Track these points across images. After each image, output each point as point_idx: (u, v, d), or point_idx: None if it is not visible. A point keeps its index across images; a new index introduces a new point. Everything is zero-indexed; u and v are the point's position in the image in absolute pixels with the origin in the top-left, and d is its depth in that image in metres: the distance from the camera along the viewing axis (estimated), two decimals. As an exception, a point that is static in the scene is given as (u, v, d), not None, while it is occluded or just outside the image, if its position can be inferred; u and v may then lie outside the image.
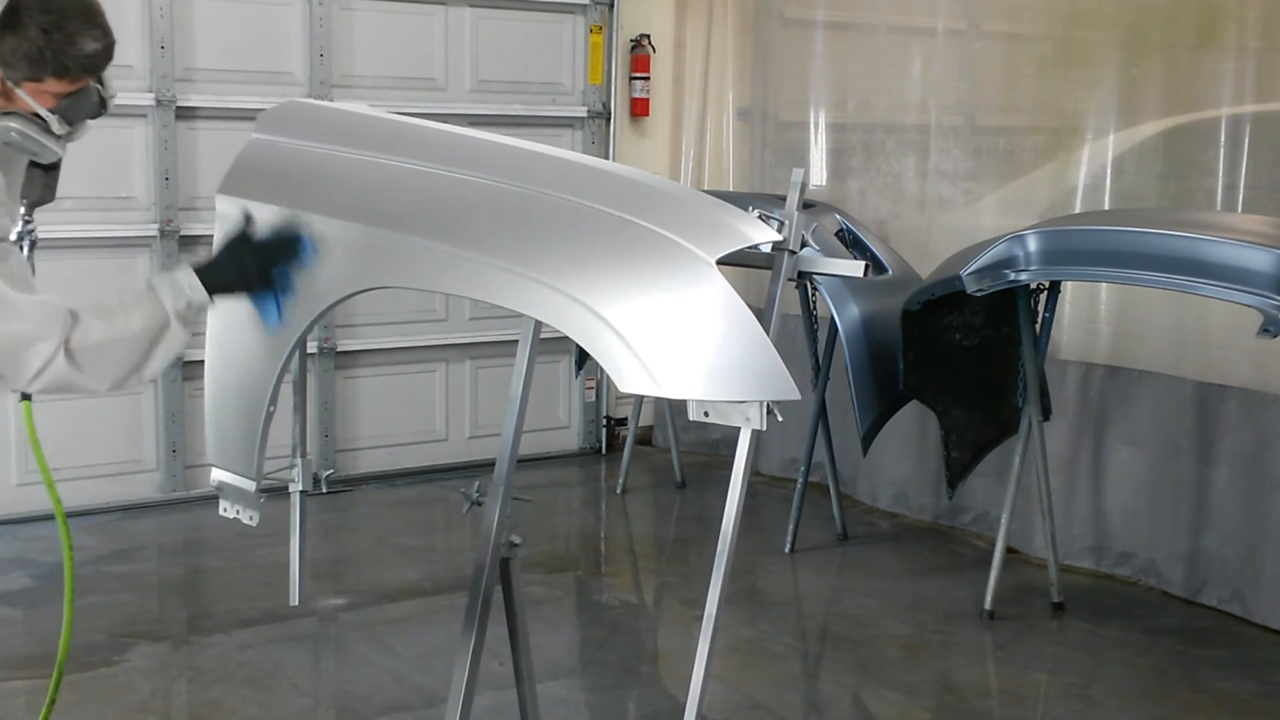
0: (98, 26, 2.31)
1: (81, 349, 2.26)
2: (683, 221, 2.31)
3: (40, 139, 2.37)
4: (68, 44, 2.27)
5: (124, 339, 2.31)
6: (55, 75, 2.29)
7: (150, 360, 2.36)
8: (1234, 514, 4.56)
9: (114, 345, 2.30)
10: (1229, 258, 3.69)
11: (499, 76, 6.34)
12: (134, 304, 2.34)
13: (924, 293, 4.39)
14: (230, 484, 3.02)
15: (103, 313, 2.31)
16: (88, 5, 2.32)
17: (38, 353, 2.23)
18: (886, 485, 5.80)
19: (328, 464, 5.82)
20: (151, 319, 2.34)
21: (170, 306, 2.35)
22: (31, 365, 2.23)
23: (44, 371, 2.24)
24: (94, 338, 2.28)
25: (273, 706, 3.81)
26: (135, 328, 2.32)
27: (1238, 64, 4.69)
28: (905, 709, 3.94)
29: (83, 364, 2.27)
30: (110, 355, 2.30)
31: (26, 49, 2.25)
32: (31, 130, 2.36)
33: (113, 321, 2.31)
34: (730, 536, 2.40)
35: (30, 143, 2.37)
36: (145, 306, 2.34)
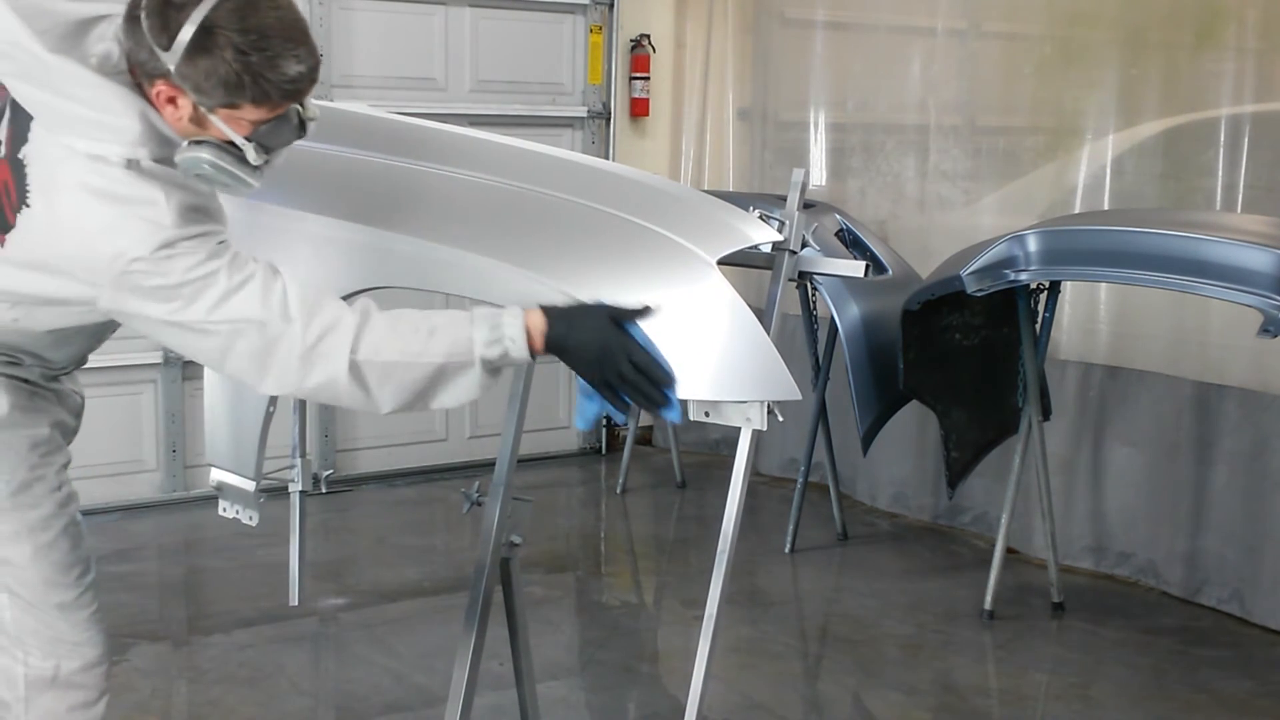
0: (302, 45, 2.00)
1: (367, 364, 2.05)
2: (683, 221, 2.32)
3: (235, 170, 2.03)
4: (268, 67, 1.96)
5: (417, 364, 2.07)
6: (254, 102, 1.98)
7: (437, 396, 2.11)
8: (1233, 514, 4.56)
9: (403, 369, 2.07)
10: (1229, 258, 3.69)
11: (499, 76, 6.34)
12: (443, 329, 2.09)
13: (924, 293, 4.39)
14: (230, 484, 3.03)
15: (400, 329, 2.08)
16: (291, 21, 2.00)
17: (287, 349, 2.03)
18: (886, 485, 5.80)
19: (328, 464, 5.82)
20: (454, 356, 2.08)
21: (480, 351, 2.08)
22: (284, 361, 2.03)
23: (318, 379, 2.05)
24: (384, 356, 2.05)
25: (273, 706, 3.81)
26: (432, 359, 2.07)
27: (1237, 64, 4.69)
28: (905, 709, 3.94)
29: (366, 382, 2.06)
30: (397, 377, 2.07)
31: (223, 73, 1.94)
32: (225, 161, 2.02)
33: (408, 343, 2.07)
34: (730, 536, 2.40)
35: (223, 175, 2.03)
36: (451, 339, 2.08)
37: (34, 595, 2.32)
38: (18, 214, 2.07)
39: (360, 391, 2.06)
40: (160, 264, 1.99)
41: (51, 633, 2.34)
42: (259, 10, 1.96)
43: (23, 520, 2.31)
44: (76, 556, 2.39)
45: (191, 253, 2.01)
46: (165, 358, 5.62)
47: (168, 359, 5.62)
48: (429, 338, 2.08)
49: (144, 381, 5.63)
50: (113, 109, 2.01)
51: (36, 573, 2.32)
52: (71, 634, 2.36)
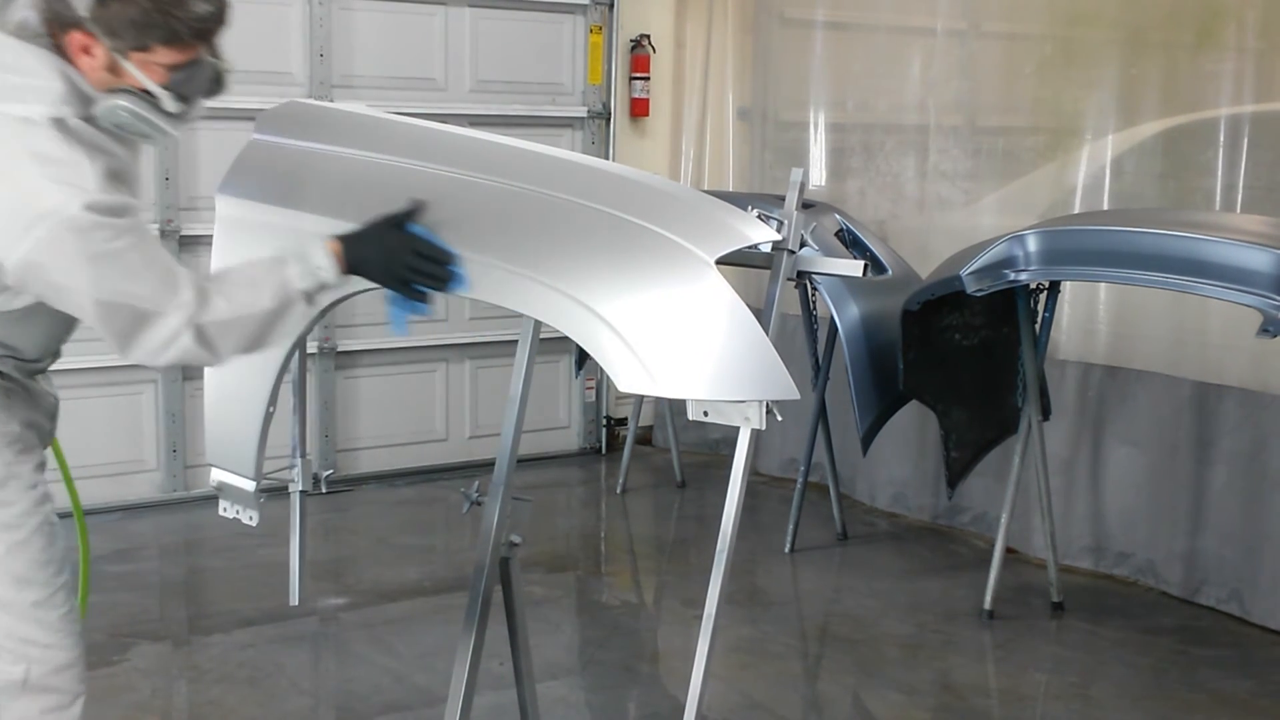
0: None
1: (209, 325, 2.19)
2: (682, 221, 2.32)
3: (152, 118, 2.17)
4: (176, 5, 2.10)
5: (251, 316, 2.23)
6: (164, 42, 2.12)
7: (271, 335, 2.29)
8: (1232, 514, 4.56)
9: (240, 322, 2.22)
10: (1229, 258, 3.69)
11: (499, 76, 6.34)
12: (263, 278, 2.25)
13: (924, 293, 4.39)
14: (230, 484, 3.03)
15: (229, 286, 2.23)
16: None
17: (167, 327, 2.15)
18: (885, 485, 5.81)
19: (328, 464, 5.82)
20: (277, 298, 2.25)
21: (299, 286, 2.26)
22: (155, 339, 2.16)
23: (171, 346, 2.17)
24: (221, 315, 2.20)
25: (273, 706, 3.81)
26: (261, 307, 2.24)
27: (1237, 64, 4.69)
28: (905, 709, 3.94)
29: (209, 340, 2.19)
30: (235, 331, 2.22)
31: (133, 13, 2.08)
32: (142, 108, 2.15)
33: (239, 298, 2.22)
34: (730, 536, 2.40)
35: (142, 122, 2.16)
36: (273, 284, 2.24)
37: (5, 594, 2.33)
38: None
39: (205, 351, 2.21)
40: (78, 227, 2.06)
41: (22, 634, 2.34)
42: None
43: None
44: (50, 555, 2.38)
45: (106, 225, 2.09)
46: (165, 358, 5.62)
47: (168, 359, 5.62)
48: (255, 289, 2.24)
49: (144, 381, 5.64)
50: (35, 71, 2.11)
51: (8, 570, 2.32)
52: (43, 636, 2.36)
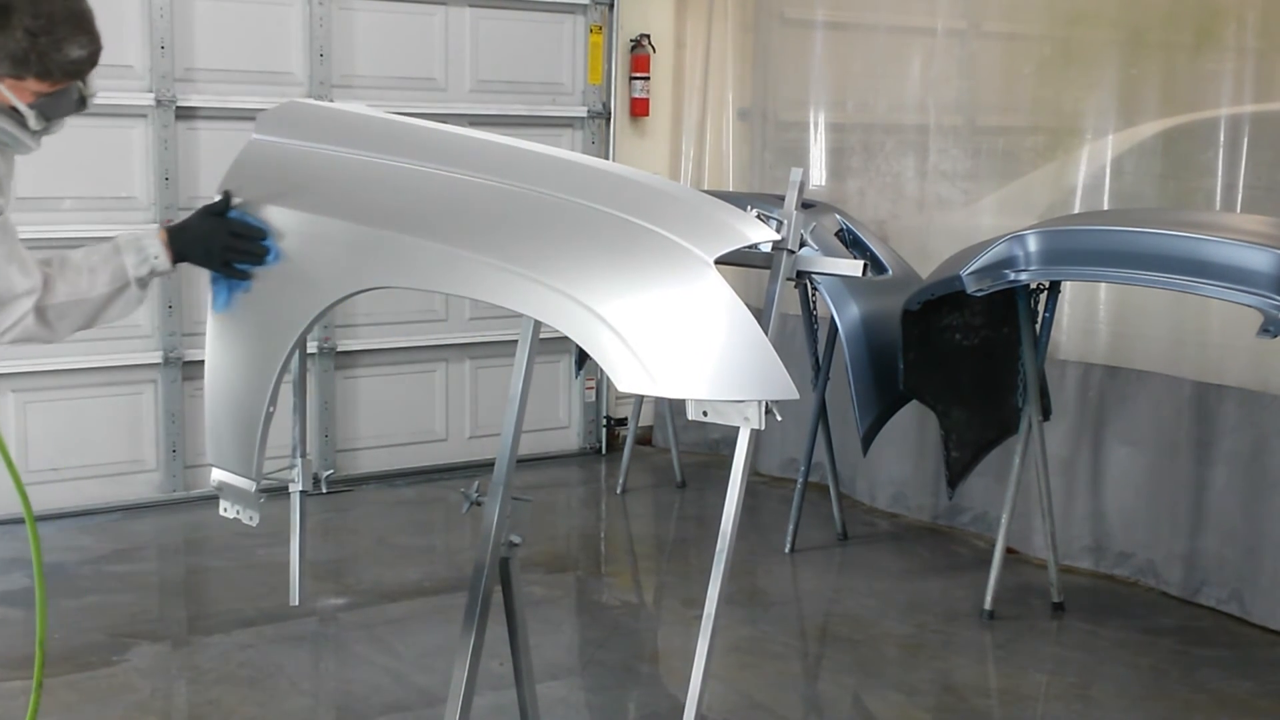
0: (86, 34, 2.32)
1: (50, 307, 2.46)
2: (681, 221, 2.31)
3: (15, 132, 2.38)
4: (53, 49, 2.27)
5: (87, 299, 2.49)
6: (37, 77, 2.30)
7: (105, 315, 2.54)
8: (1232, 514, 4.56)
9: (77, 304, 2.49)
10: (1229, 258, 3.69)
11: (499, 76, 6.34)
12: (100, 265, 2.51)
13: (924, 293, 4.39)
14: (230, 484, 3.02)
15: (70, 273, 2.49)
16: (78, 11, 2.32)
17: (13, 310, 2.41)
18: (885, 485, 5.81)
19: (328, 464, 5.82)
20: (114, 282, 2.51)
21: (133, 273, 2.52)
22: (6, 320, 2.42)
23: (15, 326, 2.43)
24: (61, 298, 2.47)
25: (273, 706, 3.81)
26: (99, 291, 2.50)
27: (1237, 64, 4.69)
28: (905, 709, 3.94)
29: (49, 321, 2.46)
30: (72, 313, 2.49)
31: (12, 49, 2.26)
32: (7, 124, 2.36)
33: (79, 282, 2.49)
34: (730, 536, 2.40)
35: (3, 135, 2.38)
36: (110, 269, 2.51)
37: None
38: None
39: (44, 330, 2.48)
40: None
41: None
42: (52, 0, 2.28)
43: None
44: None
45: None
46: (165, 358, 5.62)
47: (167, 359, 5.63)
48: (93, 275, 2.50)
49: (144, 381, 5.64)
50: None
51: None
52: None
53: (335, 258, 2.58)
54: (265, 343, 2.81)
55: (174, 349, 5.64)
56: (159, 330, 5.63)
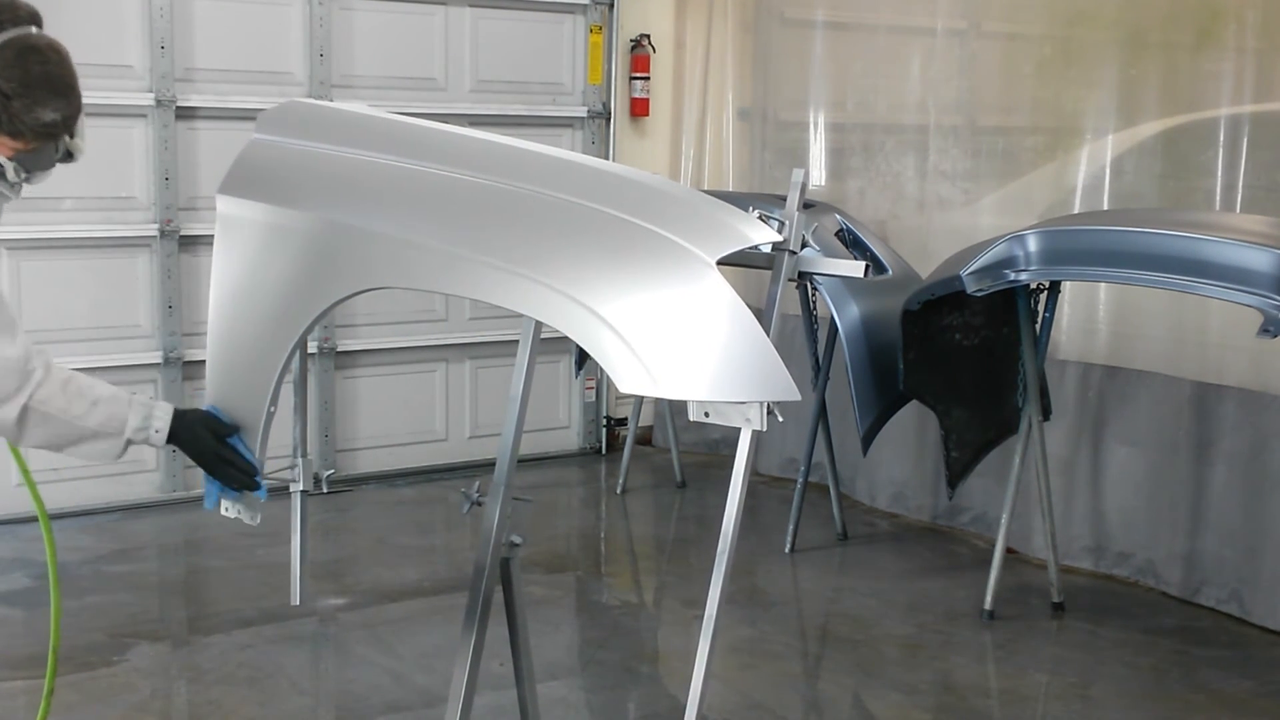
0: (62, 97, 2.28)
1: (34, 410, 2.32)
2: (683, 222, 2.31)
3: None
4: (25, 111, 2.24)
5: (71, 425, 2.37)
6: (9, 135, 2.27)
7: (76, 451, 2.42)
8: (1232, 514, 4.56)
9: (59, 424, 2.36)
10: (1229, 258, 3.69)
11: (499, 76, 6.34)
12: (104, 403, 2.40)
13: (924, 293, 4.39)
14: (230, 484, 3.01)
15: (69, 389, 2.36)
16: (56, 75, 2.28)
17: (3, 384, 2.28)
18: (885, 485, 5.81)
19: (328, 464, 5.82)
20: (106, 427, 2.40)
21: (128, 434, 2.42)
22: None
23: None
24: (51, 409, 2.34)
25: (273, 706, 3.81)
26: (88, 424, 2.38)
27: (1237, 64, 4.69)
28: (905, 709, 3.94)
29: (27, 423, 2.33)
30: (50, 428, 2.36)
31: None
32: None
33: (71, 404, 2.36)
34: (730, 536, 2.40)
35: None
36: (107, 413, 2.40)
37: None
38: None
39: (16, 430, 2.33)
40: None
41: None
42: (29, 62, 2.22)
43: None
44: None
45: None
46: (165, 358, 5.62)
47: (167, 359, 5.63)
48: (91, 407, 2.38)
49: (144, 382, 5.63)
50: None
51: None
52: None
53: (335, 258, 2.58)
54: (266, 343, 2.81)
55: (174, 349, 5.64)
56: (159, 330, 5.63)
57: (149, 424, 2.45)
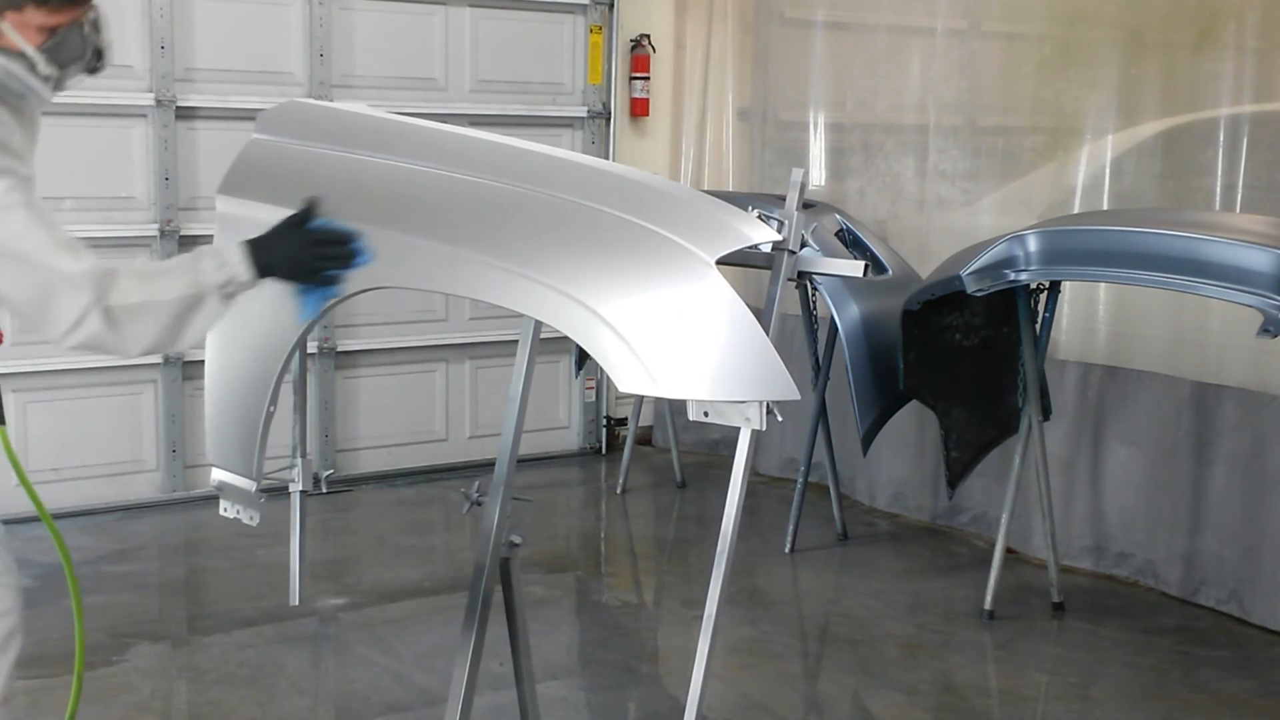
0: None
1: (119, 308, 2.23)
2: (682, 221, 2.32)
3: (26, 77, 2.27)
4: None
5: (160, 303, 2.26)
6: (36, 3, 2.21)
7: (185, 330, 2.31)
8: (1232, 514, 4.56)
9: (150, 309, 2.25)
10: (1229, 258, 3.69)
11: (499, 76, 6.34)
12: (175, 270, 2.30)
13: (924, 293, 4.39)
14: (230, 484, 3.03)
15: (142, 275, 2.28)
16: None
17: (72, 303, 2.20)
18: (885, 485, 5.81)
19: (328, 464, 5.82)
20: (190, 288, 2.28)
21: (210, 279, 2.30)
22: (64, 316, 2.21)
23: (79, 326, 2.21)
24: (132, 298, 2.24)
25: (273, 706, 3.81)
26: (173, 294, 2.27)
27: (1236, 64, 4.69)
28: (905, 709, 3.94)
29: (118, 323, 2.23)
30: (145, 318, 2.25)
31: None
32: (17, 67, 2.25)
33: (151, 284, 2.27)
34: (730, 537, 2.40)
35: (15, 82, 2.26)
36: (186, 275, 2.29)
37: None
38: None
39: (114, 336, 2.24)
40: None
41: None
42: None
43: None
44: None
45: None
46: (165, 358, 5.62)
47: (167, 359, 5.63)
48: (165, 277, 2.29)
49: (144, 381, 5.64)
50: None
51: None
52: None
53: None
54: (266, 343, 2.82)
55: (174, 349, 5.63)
56: (159, 330, 5.62)
57: (222, 260, 2.32)
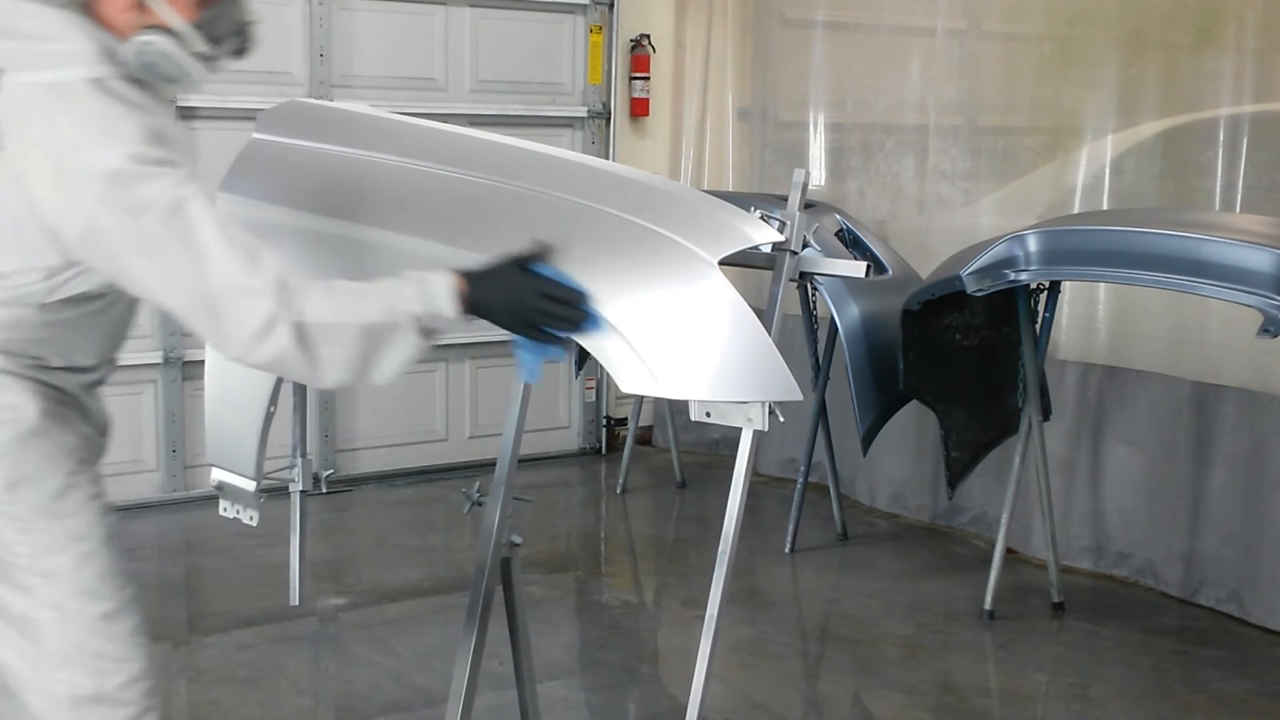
0: None
1: (313, 325, 2.03)
2: (684, 222, 2.32)
3: (183, 60, 2.10)
4: None
5: (354, 325, 2.06)
6: None
7: (373, 362, 2.10)
8: (1232, 514, 4.56)
9: (341, 331, 2.05)
10: (1229, 258, 3.69)
11: (499, 76, 6.34)
12: (372, 293, 2.11)
13: (924, 293, 4.39)
14: (230, 484, 3.03)
15: (333, 292, 2.08)
16: None
17: (253, 310, 2.00)
18: (884, 485, 5.81)
19: (328, 464, 5.82)
20: (386, 314, 2.08)
21: (409, 308, 2.10)
22: (245, 325, 2.01)
23: (265, 337, 2.01)
24: (325, 316, 2.04)
25: (273, 706, 3.81)
26: (367, 318, 2.07)
27: (1236, 64, 4.69)
28: (905, 709, 3.94)
29: (310, 343, 2.03)
30: (339, 339, 2.05)
31: None
32: (173, 46, 2.08)
33: (343, 303, 2.07)
34: (731, 537, 2.40)
35: (169, 63, 2.10)
36: (383, 299, 2.10)
37: (77, 607, 2.22)
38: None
39: (304, 357, 2.05)
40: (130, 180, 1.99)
41: (94, 648, 2.25)
42: None
43: (63, 529, 2.21)
44: (117, 567, 2.30)
45: (160, 176, 2.01)
46: (165, 358, 5.62)
47: (167, 359, 5.62)
48: (362, 298, 2.09)
49: (144, 381, 5.63)
50: (64, 35, 2.06)
51: (78, 583, 2.22)
52: (113, 649, 2.29)
53: (335, 257, 2.58)
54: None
55: (174, 349, 5.64)
56: (159, 330, 5.62)
57: (427, 289, 2.12)
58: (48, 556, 2.20)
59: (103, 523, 2.28)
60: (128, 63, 2.07)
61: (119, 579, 2.30)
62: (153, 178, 2.01)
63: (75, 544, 2.23)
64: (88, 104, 2.03)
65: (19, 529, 2.18)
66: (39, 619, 2.19)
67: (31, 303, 2.14)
